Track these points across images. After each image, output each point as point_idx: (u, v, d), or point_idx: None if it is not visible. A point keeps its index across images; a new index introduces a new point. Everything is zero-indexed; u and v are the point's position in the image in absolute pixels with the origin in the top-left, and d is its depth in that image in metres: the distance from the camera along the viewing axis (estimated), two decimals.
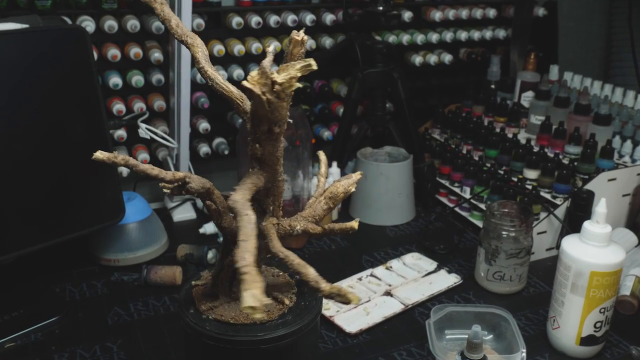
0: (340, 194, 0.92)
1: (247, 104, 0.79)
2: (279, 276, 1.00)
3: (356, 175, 0.93)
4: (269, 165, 0.79)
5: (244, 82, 0.67)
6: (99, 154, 0.73)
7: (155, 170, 0.77)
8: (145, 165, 0.77)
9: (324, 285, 0.70)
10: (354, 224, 0.89)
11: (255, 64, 1.75)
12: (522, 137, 1.74)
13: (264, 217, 0.87)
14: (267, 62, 0.67)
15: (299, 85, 0.69)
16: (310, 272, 0.71)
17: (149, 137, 1.61)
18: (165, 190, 0.80)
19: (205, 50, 0.81)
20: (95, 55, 1.53)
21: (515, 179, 1.61)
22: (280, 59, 0.79)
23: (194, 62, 0.80)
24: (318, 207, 0.91)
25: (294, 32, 0.80)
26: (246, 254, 0.64)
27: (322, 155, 0.99)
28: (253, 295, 0.61)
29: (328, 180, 1.63)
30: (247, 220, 0.68)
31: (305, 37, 0.78)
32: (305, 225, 0.89)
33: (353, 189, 0.92)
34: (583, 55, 2.39)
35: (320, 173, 0.98)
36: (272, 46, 0.69)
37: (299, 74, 0.68)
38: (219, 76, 0.79)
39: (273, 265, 1.01)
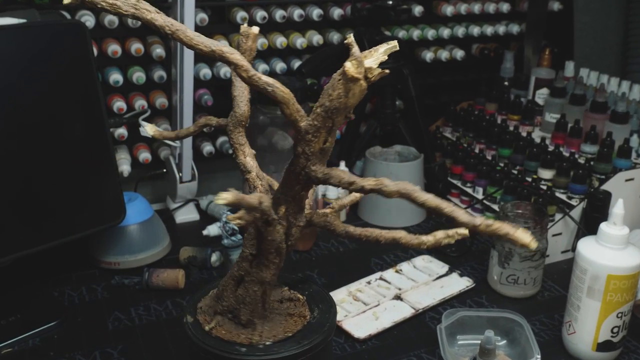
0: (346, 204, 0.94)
1: (296, 103, 0.77)
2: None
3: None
4: (327, 155, 0.79)
5: (350, 75, 0.68)
6: (228, 196, 0.68)
7: (254, 199, 0.75)
8: (251, 197, 0.75)
9: (425, 239, 0.73)
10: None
11: (261, 60, 1.75)
12: (537, 135, 1.74)
13: (302, 215, 0.87)
14: (357, 51, 0.69)
15: (385, 71, 0.71)
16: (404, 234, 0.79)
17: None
18: (236, 223, 0.77)
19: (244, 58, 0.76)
20: (95, 51, 1.53)
21: (529, 179, 1.61)
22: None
23: (238, 70, 0.71)
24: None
25: (244, 26, 0.80)
26: (467, 215, 0.68)
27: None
28: (523, 231, 0.65)
29: None
30: (424, 192, 0.70)
31: (258, 29, 0.81)
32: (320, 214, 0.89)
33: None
34: (600, 51, 2.38)
35: None
36: (352, 36, 0.70)
37: (385, 57, 0.70)
38: (276, 81, 0.73)
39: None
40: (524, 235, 0.65)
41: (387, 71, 0.70)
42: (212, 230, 1.59)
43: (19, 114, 1.19)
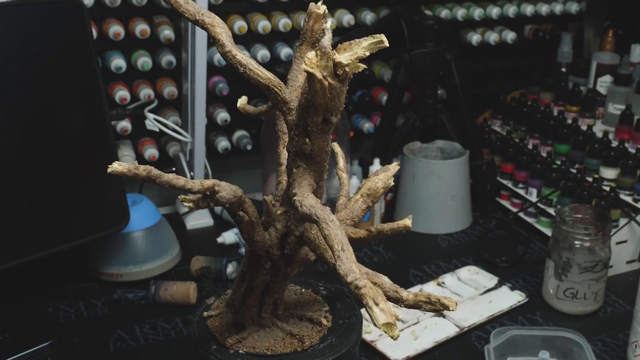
0: (380, 189, 0.92)
1: (287, 92, 0.77)
2: (302, 294, 1.00)
3: (394, 167, 0.93)
4: (317, 162, 0.78)
5: (303, 66, 0.66)
6: (117, 166, 0.71)
7: (180, 181, 0.76)
8: (169, 175, 0.76)
9: (406, 295, 0.69)
10: (407, 221, 0.88)
11: (284, 42, 1.74)
12: (598, 129, 1.72)
13: (301, 225, 0.86)
14: (327, 40, 0.66)
15: (363, 66, 0.67)
16: (386, 282, 0.70)
17: (157, 130, 1.60)
18: (187, 205, 0.79)
19: (228, 30, 0.79)
20: (95, 33, 1.53)
21: (590, 179, 1.59)
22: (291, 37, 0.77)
23: (216, 45, 0.77)
24: (355, 207, 0.91)
25: (312, 4, 0.79)
26: (352, 265, 0.64)
27: (336, 147, 0.98)
28: (383, 310, 0.61)
29: None
30: (336, 226, 0.67)
31: (326, 9, 0.77)
32: (345, 230, 0.88)
33: (392, 182, 0.92)
34: None
35: (340, 168, 0.97)
36: (330, 22, 0.68)
37: (367, 53, 0.67)
38: (252, 61, 0.76)
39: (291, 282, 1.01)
40: (381, 316, 0.60)
41: (363, 67, 0.67)
42: (228, 237, 1.58)
43: (9, 105, 1.19)
